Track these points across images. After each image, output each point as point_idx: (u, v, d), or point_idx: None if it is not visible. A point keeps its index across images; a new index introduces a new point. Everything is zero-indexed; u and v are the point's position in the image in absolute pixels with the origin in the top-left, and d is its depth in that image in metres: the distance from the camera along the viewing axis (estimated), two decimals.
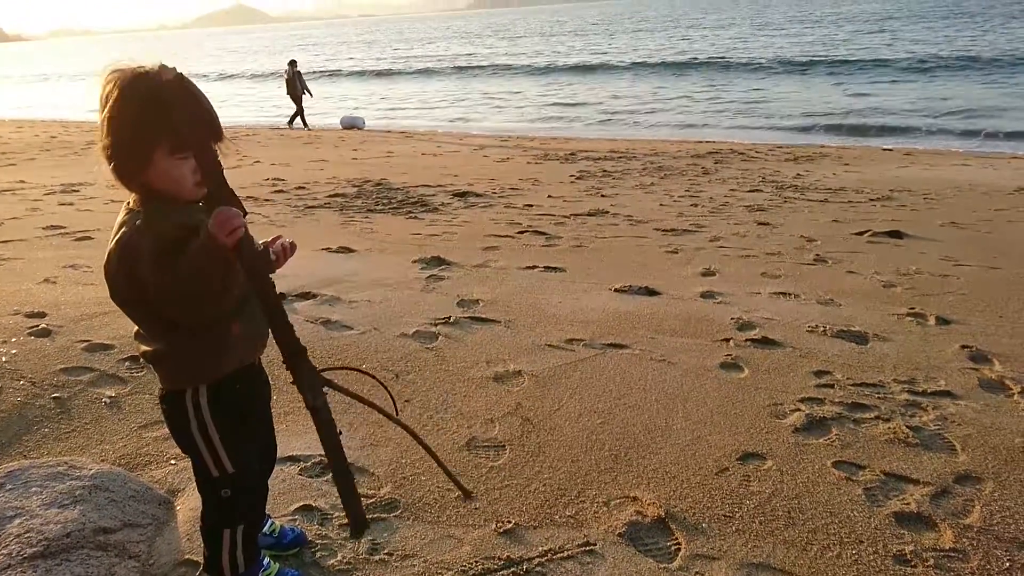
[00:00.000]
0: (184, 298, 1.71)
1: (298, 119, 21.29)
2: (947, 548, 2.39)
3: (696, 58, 35.64)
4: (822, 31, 47.65)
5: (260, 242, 2.13)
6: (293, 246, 2.12)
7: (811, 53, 33.55)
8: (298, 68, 21.03)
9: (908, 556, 2.36)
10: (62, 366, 3.75)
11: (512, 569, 2.32)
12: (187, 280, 1.68)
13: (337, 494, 2.66)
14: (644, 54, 41.27)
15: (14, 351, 3.90)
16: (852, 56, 30.87)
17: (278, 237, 2.12)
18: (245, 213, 1.73)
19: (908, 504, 2.62)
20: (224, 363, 1.90)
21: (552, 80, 33.57)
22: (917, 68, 26.29)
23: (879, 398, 3.42)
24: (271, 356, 1.99)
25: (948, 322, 4.42)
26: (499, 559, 2.36)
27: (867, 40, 38.84)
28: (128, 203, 1.81)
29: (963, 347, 4.00)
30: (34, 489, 2.49)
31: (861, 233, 6.77)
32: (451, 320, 4.49)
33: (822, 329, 4.28)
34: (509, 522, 2.54)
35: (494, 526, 2.53)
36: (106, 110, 1.72)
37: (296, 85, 20.77)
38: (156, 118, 1.70)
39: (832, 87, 23.99)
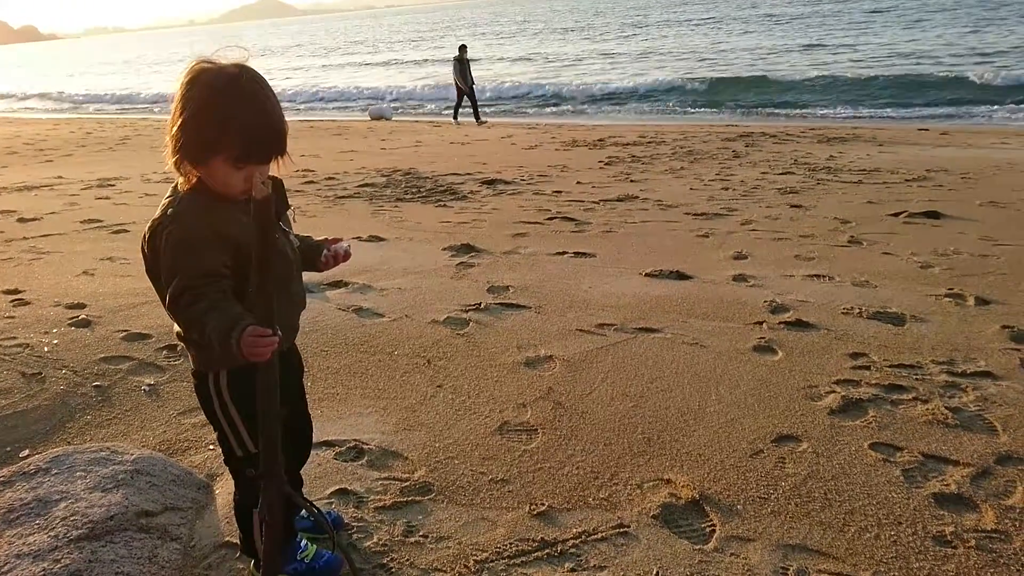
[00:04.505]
0: (174, 314, 1.83)
1: (463, 107, 19.76)
2: (989, 529, 2.35)
3: None
4: None
5: (319, 238, 2.16)
6: (347, 255, 2.15)
7: None
8: (467, 56, 19.54)
9: (948, 537, 2.32)
10: (102, 355, 3.83)
11: (547, 551, 2.33)
12: (183, 316, 1.80)
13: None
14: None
15: (56, 341, 4.00)
16: None
17: (339, 240, 2.15)
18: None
19: (948, 485, 2.58)
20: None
21: None
22: None
23: (917, 379, 3.37)
24: (302, 344, 2.00)
25: (988, 302, 4.32)
26: (533, 541, 2.37)
27: None
28: (176, 184, 1.86)
29: (1004, 327, 3.91)
30: (78, 473, 2.56)
31: (897, 214, 6.64)
32: (482, 306, 4.50)
33: (857, 311, 4.22)
34: (543, 504, 2.55)
35: (528, 508, 2.53)
36: (179, 105, 1.76)
37: (465, 73, 19.28)
38: (223, 128, 1.74)
39: None
